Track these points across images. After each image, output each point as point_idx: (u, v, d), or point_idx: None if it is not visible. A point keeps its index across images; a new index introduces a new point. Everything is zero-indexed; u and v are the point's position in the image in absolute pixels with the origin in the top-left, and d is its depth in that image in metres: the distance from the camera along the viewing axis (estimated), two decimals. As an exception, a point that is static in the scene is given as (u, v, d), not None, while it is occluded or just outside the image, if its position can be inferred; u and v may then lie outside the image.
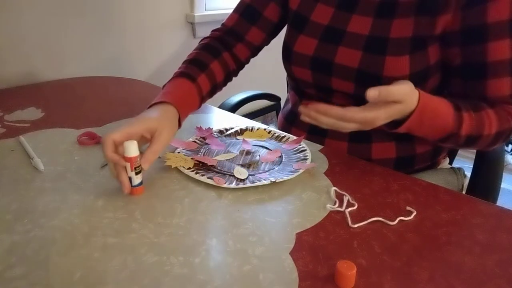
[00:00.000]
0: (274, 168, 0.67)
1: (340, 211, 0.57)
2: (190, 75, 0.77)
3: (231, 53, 0.88)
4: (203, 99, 0.79)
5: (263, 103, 1.90)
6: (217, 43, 0.87)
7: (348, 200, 0.59)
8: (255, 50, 0.91)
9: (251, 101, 1.28)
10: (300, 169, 0.66)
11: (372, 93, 0.57)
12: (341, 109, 0.59)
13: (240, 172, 0.65)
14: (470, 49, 0.67)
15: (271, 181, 0.62)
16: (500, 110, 0.68)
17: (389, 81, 0.69)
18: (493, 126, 0.67)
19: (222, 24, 0.91)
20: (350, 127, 0.61)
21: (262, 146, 0.76)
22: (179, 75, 0.77)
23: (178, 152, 0.71)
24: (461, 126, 0.65)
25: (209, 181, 0.62)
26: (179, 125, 0.70)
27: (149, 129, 0.62)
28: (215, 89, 0.84)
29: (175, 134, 0.66)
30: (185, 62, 0.82)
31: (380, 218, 0.55)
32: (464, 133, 0.65)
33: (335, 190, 0.61)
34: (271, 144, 0.77)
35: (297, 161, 0.70)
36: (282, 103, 1.03)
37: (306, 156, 0.71)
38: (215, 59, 0.83)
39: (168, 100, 0.69)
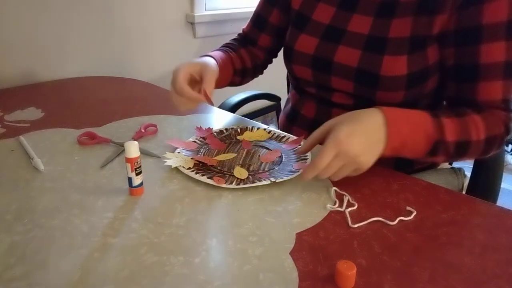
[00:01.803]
0: (274, 168, 0.67)
1: (340, 211, 0.57)
2: (225, 50, 0.86)
3: (253, 53, 0.94)
4: (235, 72, 0.87)
5: (263, 103, 1.90)
6: (242, 40, 0.95)
7: (348, 200, 0.59)
8: (270, 52, 0.97)
9: (251, 101, 1.28)
10: (300, 169, 0.66)
11: (301, 150, 0.65)
12: (310, 163, 0.59)
13: (240, 172, 0.65)
14: (463, 50, 0.66)
15: (271, 181, 0.62)
16: (488, 115, 0.65)
17: (386, 80, 0.69)
18: (481, 131, 0.63)
19: (242, 30, 0.99)
20: (327, 159, 0.56)
21: (262, 146, 0.76)
22: (214, 50, 0.86)
23: (178, 152, 0.71)
24: (443, 132, 0.61)
25: (209, 181, 0.62)
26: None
27: (197, 70, 0.72)
28: (244, 72, 0.91)
29: (217, 76, 0.73)
30: (218, 48, 0.90)
31: (380, 218, 0.55)
32: (451, 139, 0.62)
33: (335, 190, 0.61)
34: (271, 144, 0.77)
35: (297, 161, 0.70)
36: (282, 103, 1.03)
37: (306, 156, 0.71)
38: (242, 47, 0.92)
39: (209, 54, 0.80)
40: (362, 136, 0.57)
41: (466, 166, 0.85)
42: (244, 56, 0.90)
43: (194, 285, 0.43)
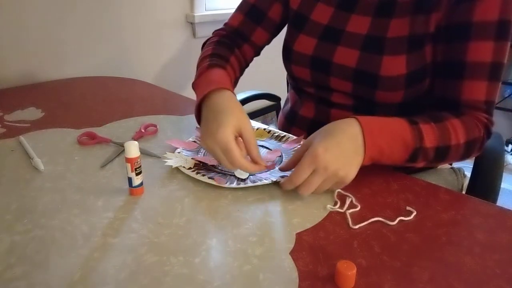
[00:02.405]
0: (275, 168, 0.67)
1: (340, 211, 0.57)
2: (221, 66, 0.76)
3: (240, 52, 0.88)
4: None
5: (263, 103, 1.90)
6: (227, 41, 0.87)
7: (351, 201, 0.59)
8: (258, 50, 0.92)
9: (251, 101, 1.28)
10: None
11: (283, 167, 0.64)
12: (287, 178, 0.59)
13: (241, 172, 0.65)
14: (452, 46, 0.66)
15: (272, 180, 0.62)
16: (467, 119, 0.65)
17: (386, 80, 0.69)
18: (460, 135, 0.63)
19: (225, 24, 0.91)
20: (305, 175, 0.57)
21: (262, 146, 0.75)
22: (210, 66, 0.75)
23: (179, 152, 0.71)
24: (422, 138, 0.61)
25: (210, 181, 0.62)
26: None
27: (237, 129, 0.61)
28: (235, 82, 0.85)
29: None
30: (207, 56, 0.80)
31: (380, 218, 0.55)
32: (430, 145, 0.61)
33: (338, 191, 0.61)
34: (271, 144, 0.77)
35: None
36: (282, 103, 1.03)
37: None
38: (232, 54, 0.84)
39: (224, 86, 0.67)
40: (338, 150, 0.57)
41: (466, 166, 0.85)
42: (234, 65, 0.83)
43: (194, 285, 0.43)
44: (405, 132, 0.61)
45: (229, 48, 0.85)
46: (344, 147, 0.57)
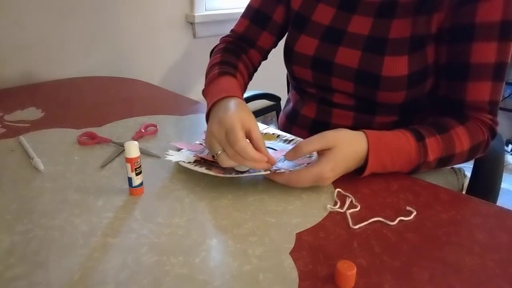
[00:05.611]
0: (277, 164, 0.66)
1: (340, 211, 0.57)
2: (230, 73, 0.76)
3: (247, 57, 0.88)
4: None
5: (263, 103, 1.90)
6: (234, 47, 0.86)
7: (351, 202, 0.59)
8: (265, 54, 0.92)
9: (251, 101, 1.28)
10: (303, 164, 0.65)
11: (288, 156, 0.62)
12: (288, 175, 0.59)
13: (241, 166, 0.64)
14: (456, 48, 0.67)
15: (270, 170, 0.60)
16: (471, 124, 0.66)
17: (388, 81, 0.69)
18: (465, 142, 0.65)
19: (232, 31, 0.91)
20: (304, 185, 0.60)
21: (268, 147, 0.75)
22: (220, 74, 0.75)
23: (182, 152, 0.70)
24: (426, 154, 0.63)
25: (207, 171, 0.61)
26: None
27: (245, 125, 0.59)
28: (244, 88, 0.85)
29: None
30: (216, 64, 0.79)
31: (380, 218, 0.55)
32: (433, 158, 0.64)
33: (339, 191, 0.61)
34: (278, 146, 0.76)
35: (302, 158, 0.68)
36: (282, 103, 1.03)
37: (312, 154, 0.70)
38: (240, 60, 0.83)
39: (234, 94, 0.67)
40: (343, 169, 0.61)
41: (466, 166, 0.84)
42: (243, 72, 0.82)
43: (194, 285, 0.43)
44: (411, 150, 0.63)
45: (236, 55, 0.84)
46: (348, 167, 0.61)
